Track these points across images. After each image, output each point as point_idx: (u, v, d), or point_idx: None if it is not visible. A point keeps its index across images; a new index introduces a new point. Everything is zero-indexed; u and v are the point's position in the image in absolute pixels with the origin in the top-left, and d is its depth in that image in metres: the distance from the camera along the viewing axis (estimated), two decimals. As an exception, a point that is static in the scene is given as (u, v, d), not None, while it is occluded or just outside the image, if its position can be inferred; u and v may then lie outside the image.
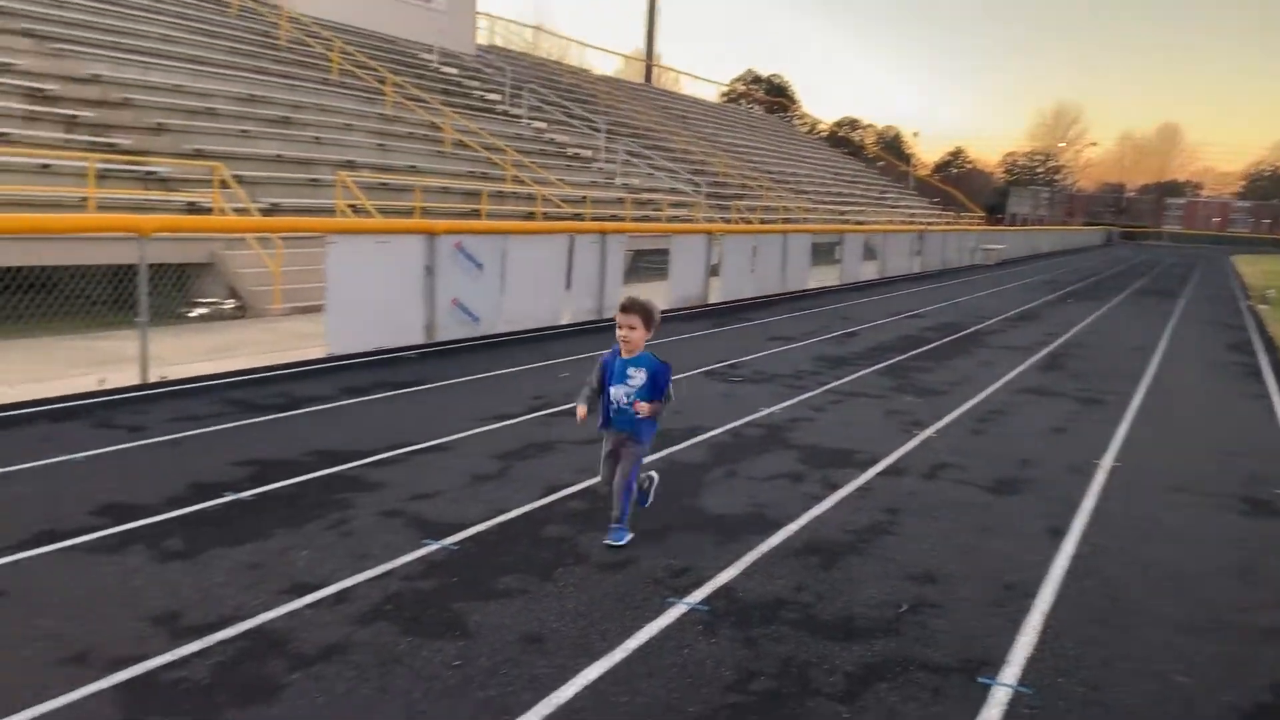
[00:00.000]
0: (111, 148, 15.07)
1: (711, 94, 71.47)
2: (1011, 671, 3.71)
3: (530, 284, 12.77)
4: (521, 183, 22.72)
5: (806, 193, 41.09)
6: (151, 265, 8.81)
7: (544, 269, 13.19)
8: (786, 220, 32.17)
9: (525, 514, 5.30)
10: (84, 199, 12.94)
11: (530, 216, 20.65)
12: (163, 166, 15.24)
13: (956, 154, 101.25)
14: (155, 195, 14.39)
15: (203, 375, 8.71)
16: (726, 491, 5.89)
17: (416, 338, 11.10)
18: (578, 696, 3.34)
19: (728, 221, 27.65)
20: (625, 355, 4.84)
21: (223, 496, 5.36)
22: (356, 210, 16.68)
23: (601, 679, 3.47)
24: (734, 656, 3.70)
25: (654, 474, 5.25)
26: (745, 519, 5.37)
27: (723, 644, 3.80)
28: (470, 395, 8.63)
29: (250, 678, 3.38)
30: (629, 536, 4.90)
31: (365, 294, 10.34)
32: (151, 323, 8.56)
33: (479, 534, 4.95)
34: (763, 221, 30.35)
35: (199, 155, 15.98)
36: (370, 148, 20.75)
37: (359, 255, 10.39)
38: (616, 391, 4.82)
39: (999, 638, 4.00)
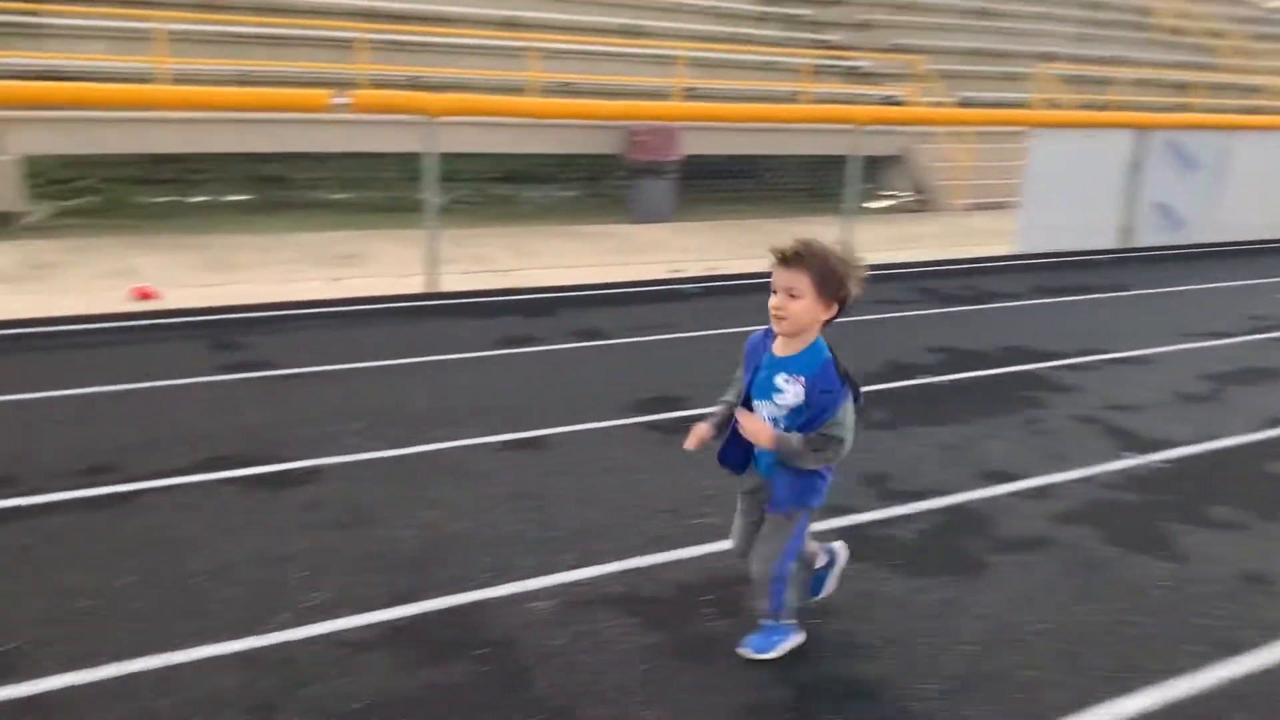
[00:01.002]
0: (823, 44, 16.23)
1: None
2: None
3: (1255, 188, 11.12)
4: (1245, 72, 19.69)
5: None
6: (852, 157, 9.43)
7: (1274, 172, 11.38)
8: None
9: (1243, 444, 4.75)
10: (795, 93, 14.19)
11: (1251, 112, 17.87)
12: (864, 61, 16.03)
13: None
14: (854, 89, 15.23)
15: (894, 263, 9.16)
16: None
17: (1109, 241, 10.42)
18: (1319, 653, 2.96)
19: None
20: (780, 351, 2.62)
21: (917, 378, 5.65)
22: (1054, 104, 15.94)
23: (1350, 642, 3.02)
24: None
25: (838, 547, 3.12)
26: None
27: None
28: (1174, 307, 7.89)
29: (953, 549, 3.56)
30: (787, 642, 2.83)
31: (1062, 192, 9.92)
32: (845, 212, 9.19)
33: (1187, 456, 4.56)
34: None
35: (897, 50, 16.48)
36: (1070, 38, 19.54)
37: (1059, 151, 9.95)
38: (761, 409, 2.65)
39: None
